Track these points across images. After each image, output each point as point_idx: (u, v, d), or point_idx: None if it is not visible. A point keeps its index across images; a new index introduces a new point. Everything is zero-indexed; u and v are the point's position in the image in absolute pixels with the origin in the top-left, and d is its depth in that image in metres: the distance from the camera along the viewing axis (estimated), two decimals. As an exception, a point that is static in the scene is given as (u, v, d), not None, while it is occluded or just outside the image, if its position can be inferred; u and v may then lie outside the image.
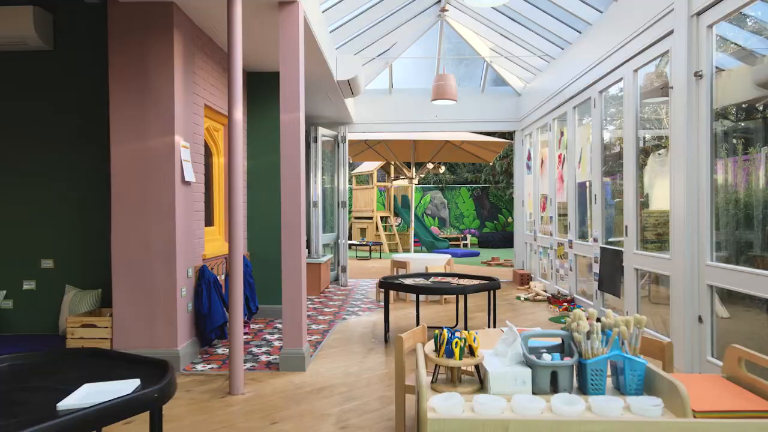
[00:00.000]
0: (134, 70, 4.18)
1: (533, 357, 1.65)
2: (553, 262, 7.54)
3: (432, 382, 1.78)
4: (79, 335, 4.11)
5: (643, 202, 5.28)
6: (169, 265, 4.16)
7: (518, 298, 7.42)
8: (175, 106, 4.18)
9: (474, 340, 1.73)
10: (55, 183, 4.68)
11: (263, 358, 4.47)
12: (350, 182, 18.54)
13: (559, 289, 7.24)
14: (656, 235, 5.15)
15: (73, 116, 4.68)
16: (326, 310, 6.59)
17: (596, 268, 5.96)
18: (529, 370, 1.67)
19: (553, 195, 7.52)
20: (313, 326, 5.67)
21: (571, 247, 6.80)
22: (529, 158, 9.02)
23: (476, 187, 19.59)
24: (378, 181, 18.18)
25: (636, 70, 5.05)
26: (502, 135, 14.13)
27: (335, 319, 6.08)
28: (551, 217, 7.65)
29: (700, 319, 4.04)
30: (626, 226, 5.19)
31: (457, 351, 1.68)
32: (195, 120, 4.63)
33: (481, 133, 10.85)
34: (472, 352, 1.73)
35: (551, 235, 7.67)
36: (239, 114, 3.67)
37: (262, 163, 6.10)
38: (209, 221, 5.47)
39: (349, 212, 18.03)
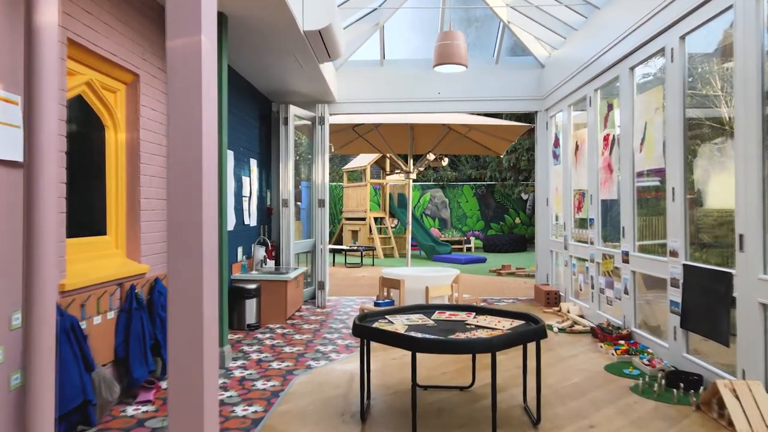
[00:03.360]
0: None
1: None
2: (596, 280, 5.68)
3: None
4: None
5: (695, 199, 4.14)
6: (-37, 312, 2.29)
7: (550, 327, 5.54)
8: (-23, 24, 2.30)
9: None
10: None
11: (149, 465, 2.60)
12: (341, 179, 16.65)
13: (608, 317, 5.36)
14: (714, 237, 4.12)
15: None
16: (287, 350, 4.71)
17: (674, 295, 4.10)
18: None
19: (595, 190, 5.66)
20: (258, 385, 3.79)
21: (626, 260, 4.93)
22: (556, 144, 7.14)
23: (480, 184, 17.71)
24: (372, 177, 16.31)
25: (761, -11, 3.19)
26: (512, 119, 12.21)
27: (296, 366, 4.21)
28: (592, 219, 5.78)
29: None
30: (740, 236, 3.33)
31: None
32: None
33: (492, 115, 9.00)
34: None
35: (591, 243, 5.81)
36: (50, 14, 1.78)
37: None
38: (100, 229, 3.60)
39: (340, 213, 16.16)
